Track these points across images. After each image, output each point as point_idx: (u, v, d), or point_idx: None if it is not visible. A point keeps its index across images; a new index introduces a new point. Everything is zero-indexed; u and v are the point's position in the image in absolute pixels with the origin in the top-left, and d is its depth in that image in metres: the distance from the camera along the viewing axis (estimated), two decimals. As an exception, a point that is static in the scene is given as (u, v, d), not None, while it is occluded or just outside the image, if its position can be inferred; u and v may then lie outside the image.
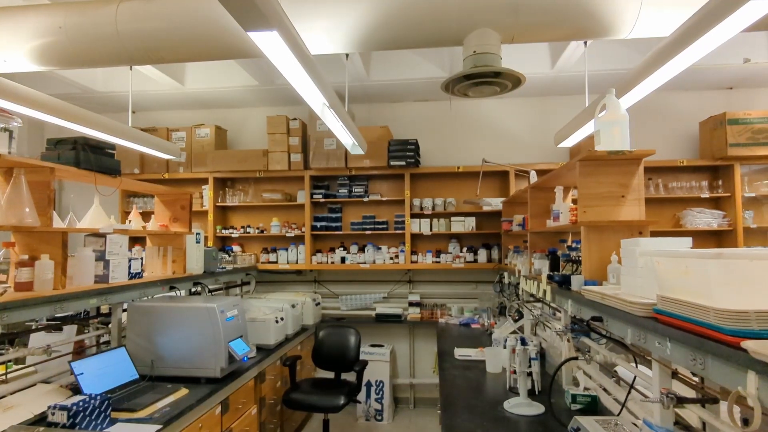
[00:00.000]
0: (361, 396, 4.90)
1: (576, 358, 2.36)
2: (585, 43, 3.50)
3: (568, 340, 2.49)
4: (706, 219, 4.87)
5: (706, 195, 4.91)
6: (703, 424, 1.70)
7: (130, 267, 3.18)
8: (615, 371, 2.41)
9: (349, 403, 3.91)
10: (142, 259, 3.36)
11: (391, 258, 5.21)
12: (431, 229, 5.18)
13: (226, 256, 4.93)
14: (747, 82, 5.02)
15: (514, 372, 2.65)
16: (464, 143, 5.44)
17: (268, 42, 2.13)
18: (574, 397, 2.44)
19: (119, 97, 5.11)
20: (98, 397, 2.29)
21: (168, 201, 3.90)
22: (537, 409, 2.44)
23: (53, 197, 2.57)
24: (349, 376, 4.20)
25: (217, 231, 5.41)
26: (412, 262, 5.17)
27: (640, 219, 2.37)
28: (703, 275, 1.29)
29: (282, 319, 4.10)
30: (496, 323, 4.38)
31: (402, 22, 2.71)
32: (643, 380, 1.93)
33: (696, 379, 1.67)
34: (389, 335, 5.41)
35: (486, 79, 2.75)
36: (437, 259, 5.17)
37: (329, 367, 4.34)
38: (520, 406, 2.45)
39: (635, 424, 1.99)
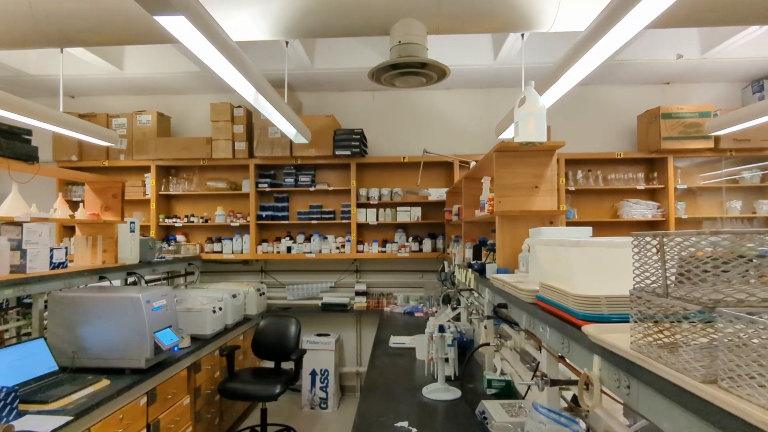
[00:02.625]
0: (306, 385, 4.92)
1: (488, 344, 2.42)
2: (522, 35, 3.56)
3: (485, 327, 2.55)
4: (642, 210, 5.05)
5: (642, 187, 5.08)
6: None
7: (52, 257, 3.09)
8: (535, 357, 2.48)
9: (287, 392, 3.91)
10: (67, 248, 3.27)
11: (338, 247, 5.21)
12: (377, 219, 5.20)
13: (166, 245, 4.84)
14: (682, 78, 5.20)
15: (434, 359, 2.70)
16: (411, 134, 5.46)
17: (177, 27, 2.09)
18: (489, 382, 2.50)
19: (53, 81, 4.90)
20: (3, 390, 2.23)
21: (99, 189, 3.80)
22: (453, 394, 2.49)
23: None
24: (292, 365, 4.19)
25: (161, 220, 5.29)
26: (358, 251, 5.18)
27: (552, 209, 2.44)
28: (567, 262, 1.34)
29: (220, 309, 4.06)
30: (437, 311, 4.44)
31: (326, 9, 2.70)
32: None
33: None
34: (336, 324, 5.42)
35: (411, 70, 2.77)
36: (383, 249, 5.19)
37: (269, 357, 4.33)
38: (437, 391, 2.50)
39: (536, 407, 2.06)
